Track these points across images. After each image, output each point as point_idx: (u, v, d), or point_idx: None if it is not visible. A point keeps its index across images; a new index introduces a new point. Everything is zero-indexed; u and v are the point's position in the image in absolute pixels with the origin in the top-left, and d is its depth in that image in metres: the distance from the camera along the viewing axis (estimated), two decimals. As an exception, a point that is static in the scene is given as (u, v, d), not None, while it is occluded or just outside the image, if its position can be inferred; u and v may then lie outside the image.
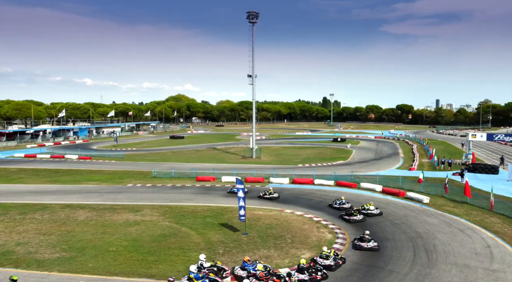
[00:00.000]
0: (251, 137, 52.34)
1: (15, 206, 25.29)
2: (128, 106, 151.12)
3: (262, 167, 42.63)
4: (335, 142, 75.47)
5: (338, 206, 23.61)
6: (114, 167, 43.39)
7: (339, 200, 24.20)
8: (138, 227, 20.68)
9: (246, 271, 14.23)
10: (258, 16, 49.71)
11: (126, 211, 24.01)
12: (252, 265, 14.28)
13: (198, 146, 68.64)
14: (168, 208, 24.50)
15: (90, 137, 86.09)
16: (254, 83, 51.57)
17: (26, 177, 37.23)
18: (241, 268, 14.56)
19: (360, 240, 17.20)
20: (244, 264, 14.53)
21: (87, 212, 23.80)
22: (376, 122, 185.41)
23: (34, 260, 15.98)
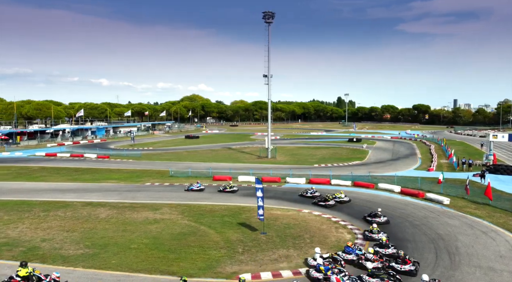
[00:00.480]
0: (266, 137, 52.35)
1: (38, 203, 25.99)
2: (144, 106, 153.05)
3: (277, 167, 42.64)
4: (351, 142, 74.80)
5: (311, 195, 26.65)
6: (132, 166, 44.09)
7: (310, 190, 27.60)
8: (157, 225, 20.99)
9: (353, 254, 15.41)
10: (274, 16, 49.71)
11: (146, 209, 24.39)
12: (355, 249, 15.64)
13: (213, 146, 69.06)
14: (186, 207, 24.77)
15: (107, 137, 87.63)
16: (270, 83, 51.62)
17: (48, 175, 38.18)
18: (346, 252, 15.65)
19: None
20: (348, 248, 15.65)
21: (108, 210, 24.28)
22: (392, 122, 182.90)
23: (59, 256, 16.43)
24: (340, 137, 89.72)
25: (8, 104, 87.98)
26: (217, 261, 15.84)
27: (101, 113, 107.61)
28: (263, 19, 50.07)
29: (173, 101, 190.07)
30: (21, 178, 36.10)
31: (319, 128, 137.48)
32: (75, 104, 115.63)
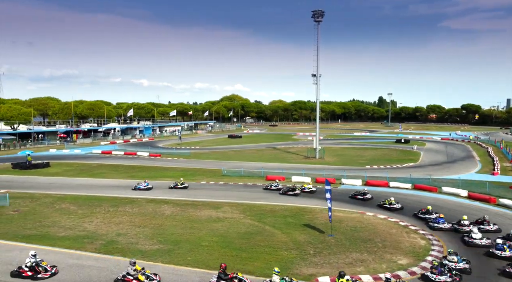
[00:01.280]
0: (314, 138, 51.77)
1: (106, 199, 27.33)
2: (186, 106, 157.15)
3: (327, 168, 41.98)
4: (398, 143, 72.14)
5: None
6: (183, 164, 45.25)
7: (275, 183, 30.53)
8: (222, 223, 21.31)
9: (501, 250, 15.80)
10: (323, 15, 49.01)
11: (207, 207, 24.88)
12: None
13: (258, 145, 69.37)
14: (246, 206, 24.98)
15: (154, 136, 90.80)
16: (318, 82, 50.96)
17: (107, 172, 40.10)
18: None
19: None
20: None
21: (171, 207, 25.02)
22: (438, 123, 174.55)
23: (137, 250, 17.10)
24: (386, 138, 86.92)
25: (64, 104, 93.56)
26: (291, 262, 15.77)
27: (147, 113, 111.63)
28: (312, 17, 49.53)
29: (213, 101, 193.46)
30: (84, 174, 38.17)
31: (361, 128, 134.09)
32: (122, 104, 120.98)
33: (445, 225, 19.83)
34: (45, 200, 26.85)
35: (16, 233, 19.73)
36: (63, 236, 19.25)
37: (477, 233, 17.68)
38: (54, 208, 24.84)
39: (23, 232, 19.92)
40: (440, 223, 19.89)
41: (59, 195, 28.52)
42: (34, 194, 28.81)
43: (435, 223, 20.00)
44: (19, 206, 25.33)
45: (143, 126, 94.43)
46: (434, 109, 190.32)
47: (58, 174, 38.60)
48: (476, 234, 17.56)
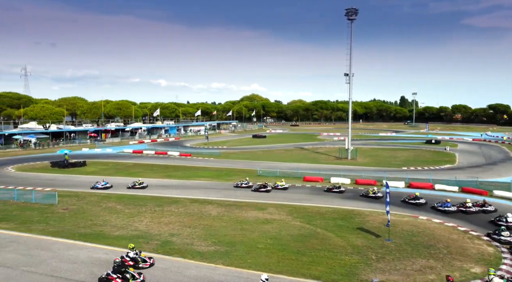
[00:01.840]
0: (346, 138, 50.84)
1: (150, 198, 27.47)
2: (208, 106, 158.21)
3: (362, 169, 41.18)
4: (429, 144, 70.32)
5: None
6: (216, 164, 45.25)
7: (245, 181, 31.80)
8: (272, 225, 21.00)
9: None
10: (357, 13, 48.07)
11: (252, 208, 24.63)
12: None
13: (285, 145, 68.87)
14: (291, 208, 24.61)
15: (179, 135, 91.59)
16: (351, 82, 50.02)
17: (143, 171, 40.45)
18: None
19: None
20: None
21: (216, 207, 24.89)
22: (464, 123, 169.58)
23: (195, 252, 16.96)
24: (414, 138, 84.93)
25: (92, 104, 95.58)
26: (355, 267, 15.29)
27: (171, 113, 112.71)
28: (346, 16, 48.64)
29: (233, 101, 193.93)
30: (121, 174, 38.60)
31: (384, 129, 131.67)
32: (146, 104, 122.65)
33: (451, 208, 23.17)
34: (90, 199, 27.21)
35: (71, 231, 19.96)
36: (117, 235, 19.35)
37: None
38: (101, 207, 25.11)
39: (77, 230, 20.15)
40: (448, 206, 23.24)
41: (103, 193, 28.87)
42: (78, 192, 29.28)
43: (444, 207, 23.35)
44: (67, 204, 25.74)
45: (168, 126, 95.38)
46: (459, 109, 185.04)
47: (95, 172, 39.19)
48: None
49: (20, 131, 64.33)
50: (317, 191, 30.08)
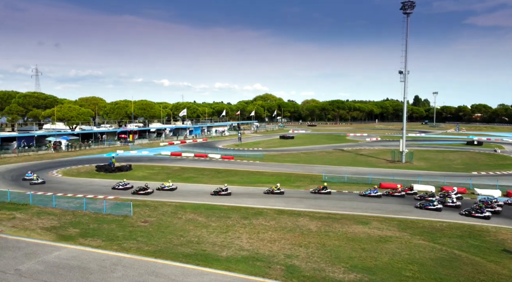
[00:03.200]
0: (400, 140, 48.13)
1: (227, 208, 24.95)
2: (225, 106, 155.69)
3: (427, 174, 38.58)
4: (471, 145, 67.51)
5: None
6: (267, 168, 42.72)
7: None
8: (393, 244, 18.39)
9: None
10: (414, 6, 45.27)
11: (352, 221, 22.05)
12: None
13: (321, 147, 66.22)
14: (398, 221, 21.99)
15: (204, 136, 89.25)
16: (406, 80, 47.25)
17: (195, 176, 38.03)
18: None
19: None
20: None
21: (309, 220, 22.33)
22: (485, 123, 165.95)
23: (337, 281, 14.40)
24: (450, 139, 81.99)
25: (115, 104, 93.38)
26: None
27: (193, 113, 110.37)
28: (401, 9, 45.93)
29: (246, 100, 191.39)
30: (174, 179, 35.99)
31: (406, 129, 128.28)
32: (167, 104, 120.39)
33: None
34: (164, 209, 24.76)
35: (171, 250, 17.48)
36: (227, 256, 16.83)
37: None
38: (181, 219, 22.65)
39: (177, 249, 17.66)
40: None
41: (174, 202, 26.41)
42: (146, 201, 26.86)
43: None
44: (142, 216, 23.31)
45: (193, 127, 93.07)
46: (479, 108, 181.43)
47: (145, 177, 36.81)
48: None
49: (52, 133, 62.15)
50: (407, 200, 27.32)
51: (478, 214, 22.25)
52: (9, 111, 77.30)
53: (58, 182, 33.09)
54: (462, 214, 22.98)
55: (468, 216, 22.59)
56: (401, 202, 26.69)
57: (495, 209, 23.21)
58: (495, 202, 24.12)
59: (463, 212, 23.09)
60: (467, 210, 23.03)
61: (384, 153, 57.43)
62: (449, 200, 25.19)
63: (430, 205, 24.41)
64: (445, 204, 24.83)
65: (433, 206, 24.30)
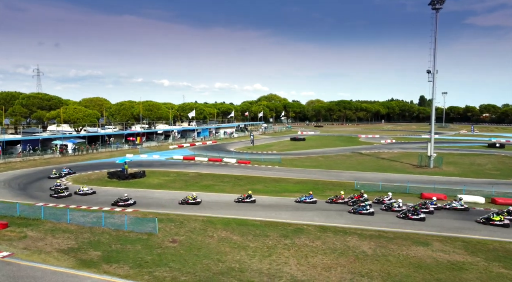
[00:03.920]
0: (428, 143, 45.45)
1: (262, 224, 22.33)
2: (229, 107, 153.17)
3: (463, 181, 35.92)
4: (493, 148, 64.94)
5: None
6: (289, 174, 40.08)
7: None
8: (470, 274, 15.77)
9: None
10: (443, 1, 42.53)
11: (409, 242, 19.41)
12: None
13: (337, 150, 63.54)
14: (462, 242, 19.31)
15: (213, 138, 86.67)
16: (435, 80, 44.57)
17: (215, 183, 35.39)
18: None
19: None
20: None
21: (360, 240, 19.70)
22: (495, 123, 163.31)
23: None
24: (468, 141, 79.31)
25: (121, 105, 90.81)
26: None
27: (199, 114, 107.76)
28: (430, 5, 43.25)
29: (250, 101, 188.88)
30: (193, 187, 33.45)
31: (413, 129, 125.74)
32: (173, 105, 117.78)
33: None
34: (191, 225, 22.15)
35: (210, 281, 14.90)
36: (282, 291, 14.24)
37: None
38: (213, 238, 20.04)
39: (217, 280, 15.06)
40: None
41: (201, 217, 23.79)
42: (169, 215, 24.23)
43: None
44: (168, 233, 20.71)
45: (201, 129, 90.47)
46: (488, 109, 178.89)
47: (163, 185, 34.19)
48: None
49: (58, 135, 59.56)
50: (464, 215, 24.57)
51: (414, 216, 22.80)
52: (12, 113, 74.70)
53: (70, 191, 30.41)
54: (399, 217, 23.32)
55: (404, 218, 22.93)
56: (456, 217, 23.93)
57: (429, 210, 24.03)
58: (432, 204, 24.99)
59: (400, 215, 23.39)
60: (403, 213, 23.35)
61: (406, 156, 54.81)
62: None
63: (363, 209, 24.04)
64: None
65: (366, 210, 23.94)
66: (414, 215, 22.84)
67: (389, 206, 25.10)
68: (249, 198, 27.47)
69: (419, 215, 22.80)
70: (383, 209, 25.16)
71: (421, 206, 24.12)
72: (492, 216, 22.06)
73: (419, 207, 23.83)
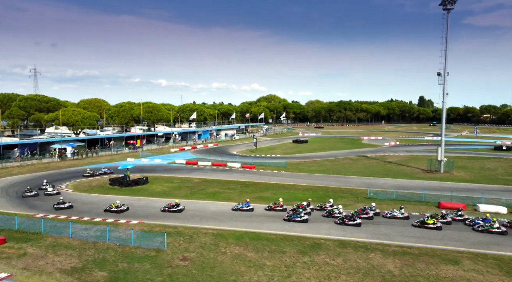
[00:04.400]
0: (438, 147, 44.27)
1: (277, 238, 21.02)
2: (229, 107, 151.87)
3: (479, 187, 34.82)
4: (500, 151, 63.92)
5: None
6: (295, 180, 38.81)
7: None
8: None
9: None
10: (455, 1, 41.36)
11: (435, 259, 18.18)
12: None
13: (342, 153, 62.32)
14: (493, 260, 18.08)
15: (215, 140, 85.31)
16: (445, 83, 43.42)
17: (221, 190, 34.05)
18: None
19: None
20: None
21: (383, 257, 18.43)
22: (495, 124, 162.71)
23: None
24: (473, 144, 78.31)
25: (120, 107, 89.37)
26: None
27: (200, 116, 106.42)
28: (441, 5, 42.09)
29: (249, 101, 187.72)
30: (198, 195, 32.16)
31: (415, 131, 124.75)
32: (172, 106, 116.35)
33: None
34: (201, 239, 20.84)
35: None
36: (309, 320, 12.95)
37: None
38: (226, 255, 18.74)
39: (239, 308, 13.77)
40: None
41: (211, 229, 22.46)
42: (177, 227, 22.89)
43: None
44: (178, 249, 19.39)
45: (202, 131, 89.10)
46: (489, 109, 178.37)
47: (167, 193, 32.81)
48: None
49: (57, 139, 58.04)
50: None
51: (350, 222, 22.93)
52: (9, 115, 73.10)
53: (71, 200, 29.00)
54: (336, 223, 23.32)
55: (341, 224, 23.03)
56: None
57: (369, 215, 24.17)
58: (371, 209, 25.06)
59: (337, 221, 23.40)
60: (340, 219, 23.41)
61: (413, 160, 53.69)
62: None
63: (297, 216, 23.72)
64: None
65: (300, 218, 23.64)
66: (351, 221, 23.02)
67: (329, 212, 24.97)
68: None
69: (355, 221, 22.95)
70: (324, 215, 24.99)
71: (361, 212, 24.38)
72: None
73: (359, 212, 24.29)
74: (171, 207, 26.35)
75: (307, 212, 25.18)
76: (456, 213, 24.42)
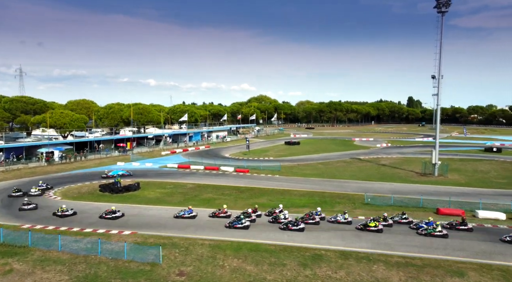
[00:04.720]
0: (433, 150, 44.19)
1: (275, 249, 20.32)
2: (220, 108, 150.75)
3: (477, 191, 34.84)
4: (490, 152, 64.56)
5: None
6: (291, 184, 38.24)
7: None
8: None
9: None
10: (449, 4, 41.33)
11: (440, 270, 17.75)
12: None
13: (335, 155, 62.02)
14: (499, 271, 17.74)
15: (206, 142, 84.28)
16: (440, 86, 43.41)
17: (215, 196, 33.27)
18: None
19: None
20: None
21: (387, 269, 17.92)
22: (482, 125, 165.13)
23: None
24: (464, 145, 79.08)
25: (109, 109, 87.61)
26: None
27: (191, 117, 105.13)
28: (435, 8, 42.01)
29: (240, 102, 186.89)
30: (192, 201, 31.22)
31: (405, 131, 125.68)
32: (163, 107, 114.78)
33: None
34: (198, 251, 20.03)
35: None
36: None
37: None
38: (225, 268, 17.99)
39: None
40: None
41: (207, 240, 21.65)
42: (172, 238, 22.02)
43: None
44: (174, 262, 18.56)
45: (193, 132, 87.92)
46: (476, 110, 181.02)
47: (160, 200, 31.87)
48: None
49: (44, 142, 56.33)
50: (490, 235, 23.05)
51: (294, 227, 23.11)
52: (-6, 117, 70.91)
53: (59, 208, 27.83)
54: (280, 228, 23.47)
55: (285, 229, 23.19)
56: (480, 238, 22.41)
57: (315, 221, 24.37)
58: (316, 214, 25.15)
59: (281, 226, 23.53)
60: (285, 224, 23.50)
61: (407, 162, 53.69)
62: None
63: (238, 223, 23.60)
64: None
65: (241, 224, 23.50)
66: (294, 226, 23.15)
67: (275, 218, 24.84)
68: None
69: (298, 226, 23.09)
70: (271, 221, 24.87)
71: (308, 217, 24.58)
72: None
73: (306, 217, 24.53)
74: (108, 213, 25.69)
75: (252, 219, 24.77)
76: (401, 216, 24.84)
